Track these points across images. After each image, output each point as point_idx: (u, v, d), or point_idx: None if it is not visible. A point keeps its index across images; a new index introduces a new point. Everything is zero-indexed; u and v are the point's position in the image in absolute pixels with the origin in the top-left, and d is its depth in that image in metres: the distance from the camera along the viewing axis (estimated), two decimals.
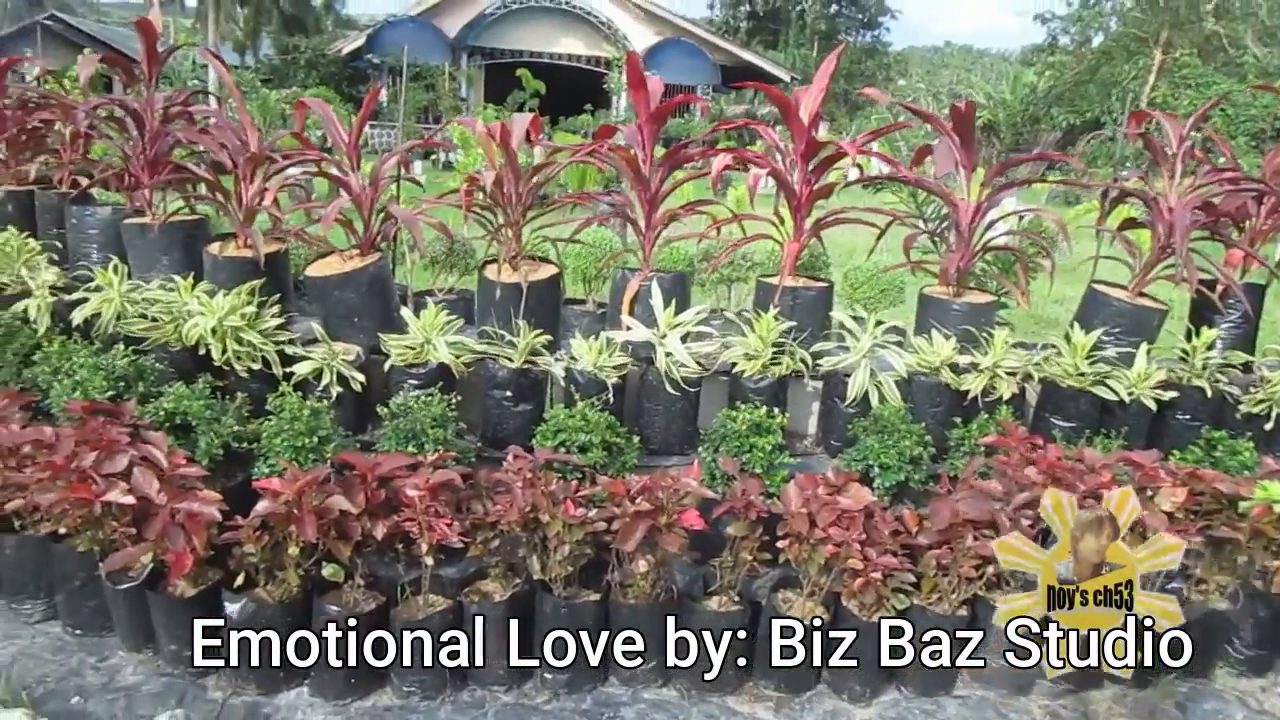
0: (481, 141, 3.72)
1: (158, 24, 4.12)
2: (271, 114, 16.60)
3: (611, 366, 3.63)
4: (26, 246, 4.37)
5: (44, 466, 2.95)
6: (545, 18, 26.32)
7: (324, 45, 28.51)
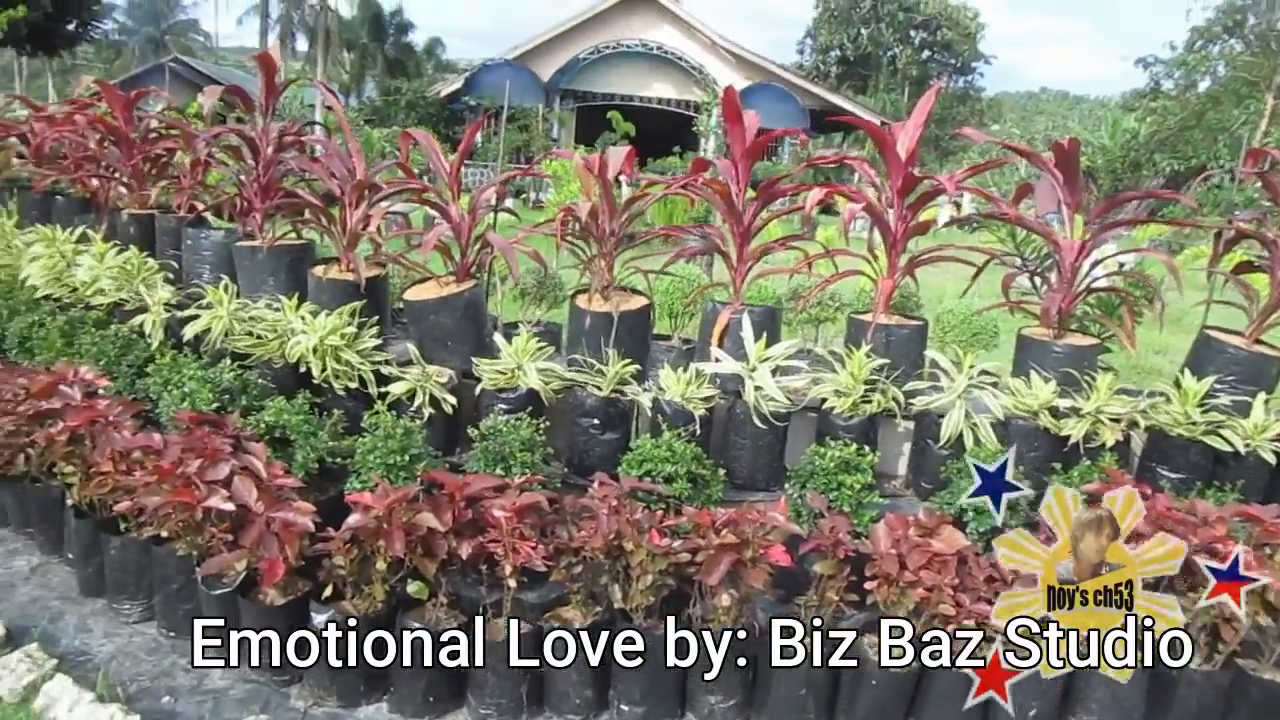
0: (579, 173, 3.79)
1: (277, 58, 4.33)
2: (373, 151, 17.24)
3: (699, 398, 3.61)
4: (145, 266, 4.61)
5: (152, 471, 3.07)
6: (637, 62, 26.83)
7: (424, 88, 29.59)
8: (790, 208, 4.23)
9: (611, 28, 27.01)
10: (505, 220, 5.74)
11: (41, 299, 4.85)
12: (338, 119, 4.56)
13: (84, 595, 3.59)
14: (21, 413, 3.68)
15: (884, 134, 3.63)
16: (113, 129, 5.21)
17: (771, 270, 4.38)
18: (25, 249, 5.24)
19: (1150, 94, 30.52)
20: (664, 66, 26.89)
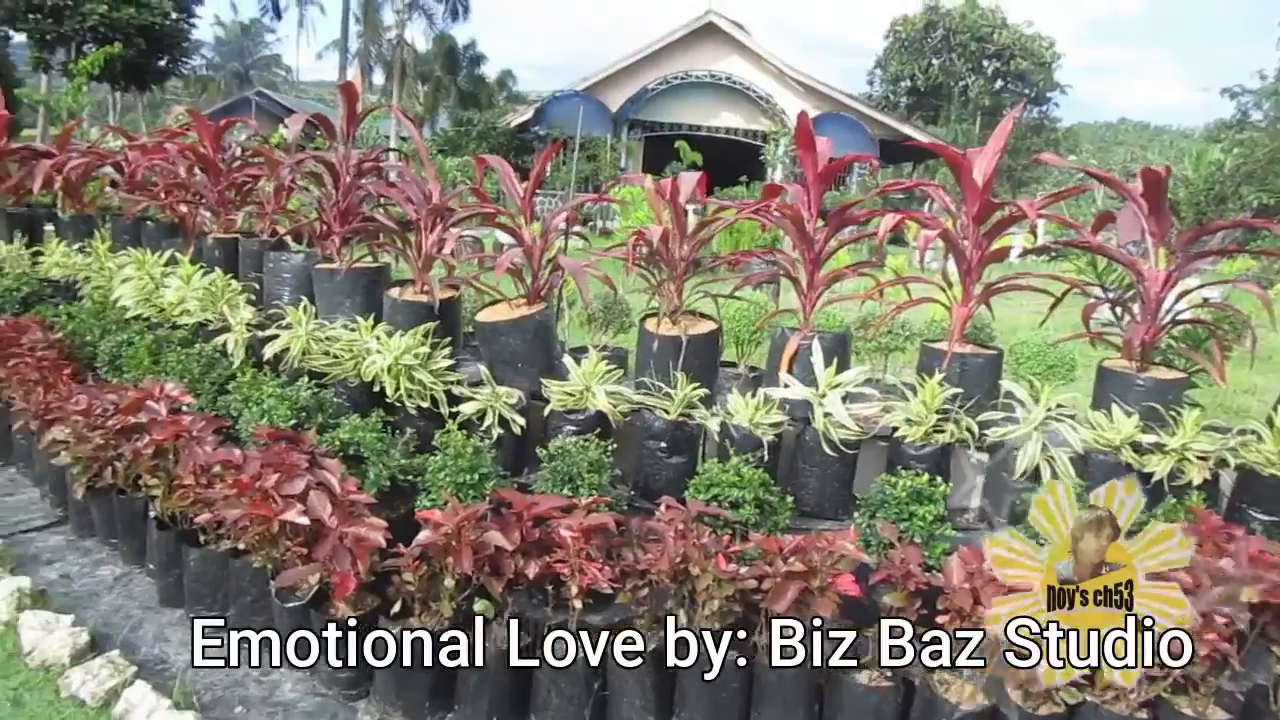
0: (650, 198, 3.81)
1: (359, 86, 4.46)
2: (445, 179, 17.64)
3: (768, 424, 3.58)
4: (229, 287, 4.77)
5: (231, 484, 3.16)
6: (705, 92, 27.02)
7: (495, 118, 30.20)
8: (858, 235, 4.19)
9: (680, 58, 27.27)
10: (575, 246, 5.81)
11: (131, 319, 5.05)
12: (415, 146, 4.69)
13: (163, 605, 3.69)
14: (110, 427, 3.82)
15: (960, 159, 3.58)
16: (202, 157, 5.42)
17: (842, 297, 4.34)
18: (117, 271, 5.47)
19: (1237, 125, 29.58)
20: (732, 96, 27.02)
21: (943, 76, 41.00)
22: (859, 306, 4.56)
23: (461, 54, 47.67)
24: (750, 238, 12.89)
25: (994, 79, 41.63)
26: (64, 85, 18.92)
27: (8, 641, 3.28)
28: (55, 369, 4.61)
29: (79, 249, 6.16)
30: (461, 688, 3.04)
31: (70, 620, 3.36)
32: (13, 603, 3.45)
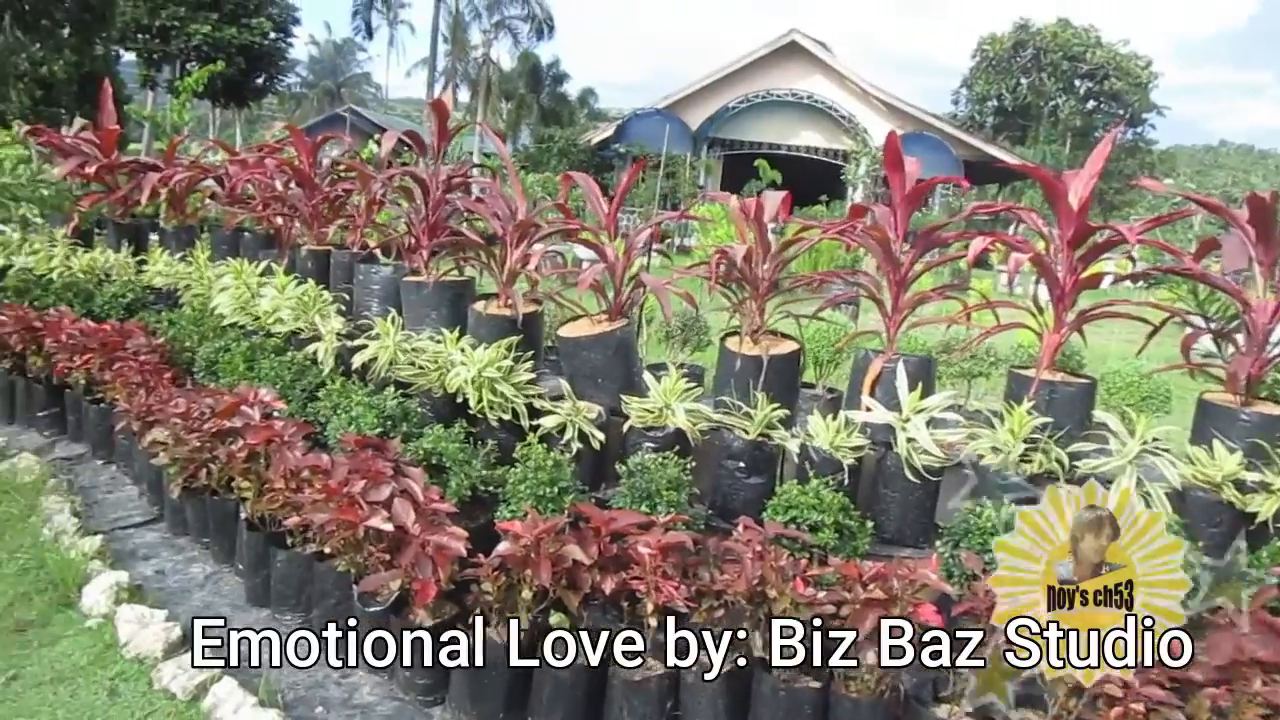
0: (733, 216, 3.81)
1: (450, 104, 4.58)
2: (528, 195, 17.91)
3: (849, 447, 3.54)
4: (320, 298, 4.93)
5: (320, 489, 3.25)
6: (786, 111, 26.94)
7: (576, 135, 30.60)
8: (943, 257, 4.12)
9: (761, 77, 27.26)
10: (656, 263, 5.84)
11: (228, 326, 5.26)
12: (503, 162, 4.78)
13: (250, 604, 3.80)
14: (206, 430, 3.97)
15: (1055, 181, 3.49)
16: (298, 172, 5.62)
17: (927, 320, 4.26)
18: (215, 280, 5.70)
19: None
20: (813, 115, 26.88)
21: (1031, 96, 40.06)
22: (943, 330, 4.48)
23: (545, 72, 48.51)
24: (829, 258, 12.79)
25: (1086, 99, 40.47)
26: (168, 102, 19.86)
27: (106, 633, 3.42)
28: (156, 373, 4.82)
29: (181, 258, 6.43)
30: (535, 699, 3.06)
31: (164, 615, 3.49)
32: (111, 596, 3.60)
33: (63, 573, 3.75)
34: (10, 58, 17.10)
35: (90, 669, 3.23)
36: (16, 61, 17.23)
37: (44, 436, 5.64)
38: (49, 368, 5.50)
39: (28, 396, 5.77)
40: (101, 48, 19.26)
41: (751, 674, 3.04)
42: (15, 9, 16.94)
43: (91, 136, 7.17)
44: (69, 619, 3.54)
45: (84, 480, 5.06)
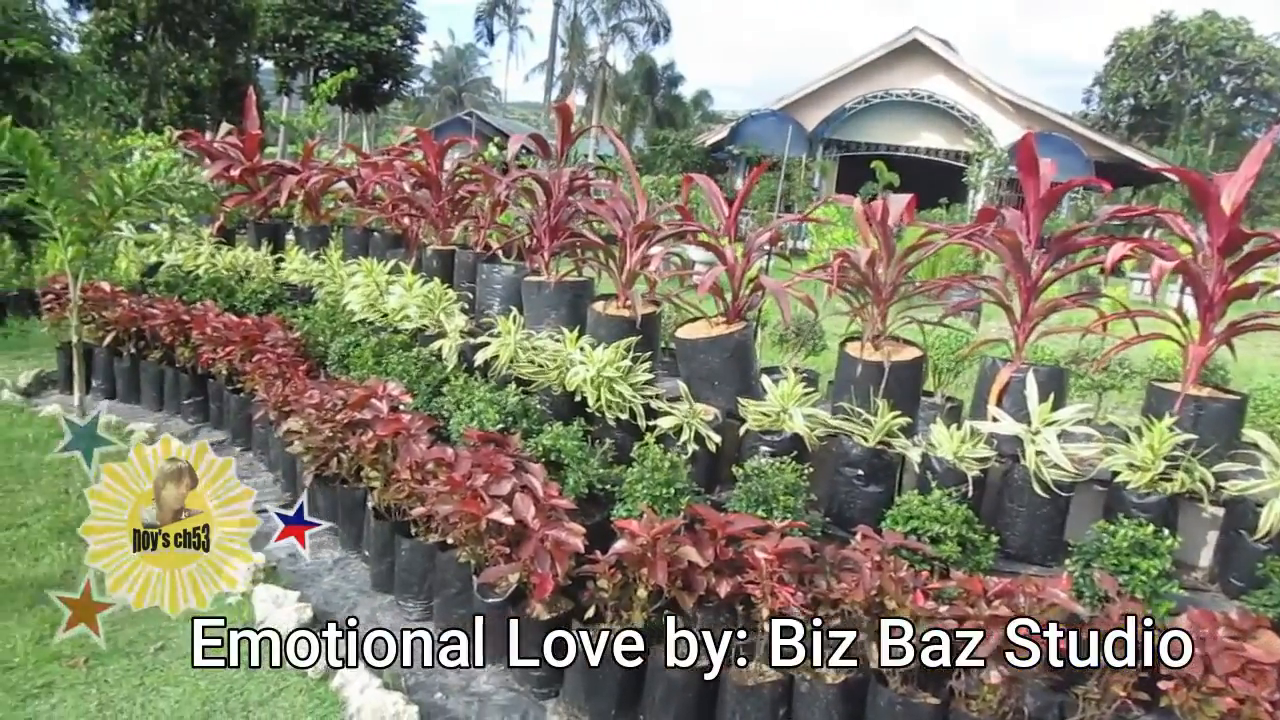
0: (856, 219, 3.75)
1: (574, 109, 4.65)
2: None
3: (974, 458, 3.43)
4: (445, 296, 5.08)
5: (444, 482, 3.35)
6: (906, 111, 26.26)
7: (689, 137, 30.60)
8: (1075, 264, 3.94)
9: (880, 77, 26.66)
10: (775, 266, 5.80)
11: (358, 322, 5.48)
12: (624, 165, 4.83)
13: (375, 590, 3.96)
14: (338, 421, 4.15)
15: (1206, 184, 3.30)
16: (425, 174, 5.82)
17: (1058, 330, 4.10)
18: (347, 278, 5.95)
19: None
20: (934, 116, 26.12)
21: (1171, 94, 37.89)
22: (1073, 339, 4.29)
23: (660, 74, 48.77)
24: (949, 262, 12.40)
25: (1234, 96, 38.00)
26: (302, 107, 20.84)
27: (244, 611, 3.62)
28: (292, 365, 5.07)
29: (314, 257, 6.75)
30: (648, 698, 3.08)
31: (296, 596, 3.66)
32: (249, 576, 3.80)
33: None
34: (162, 67, 18.28)
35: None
36: (167, 71, 18.41)
37: (189, 423, 6.02)
38: (194, 358, 5.86)
39: (175, 385, 6.16)
40: (243, 57, 20.39)
41: (868, 685, 2.98)
42: (167, 22, 18.09)
43: (236, 141, 7.60)
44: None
45: None
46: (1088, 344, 5.01)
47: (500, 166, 6.60)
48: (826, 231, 11.77)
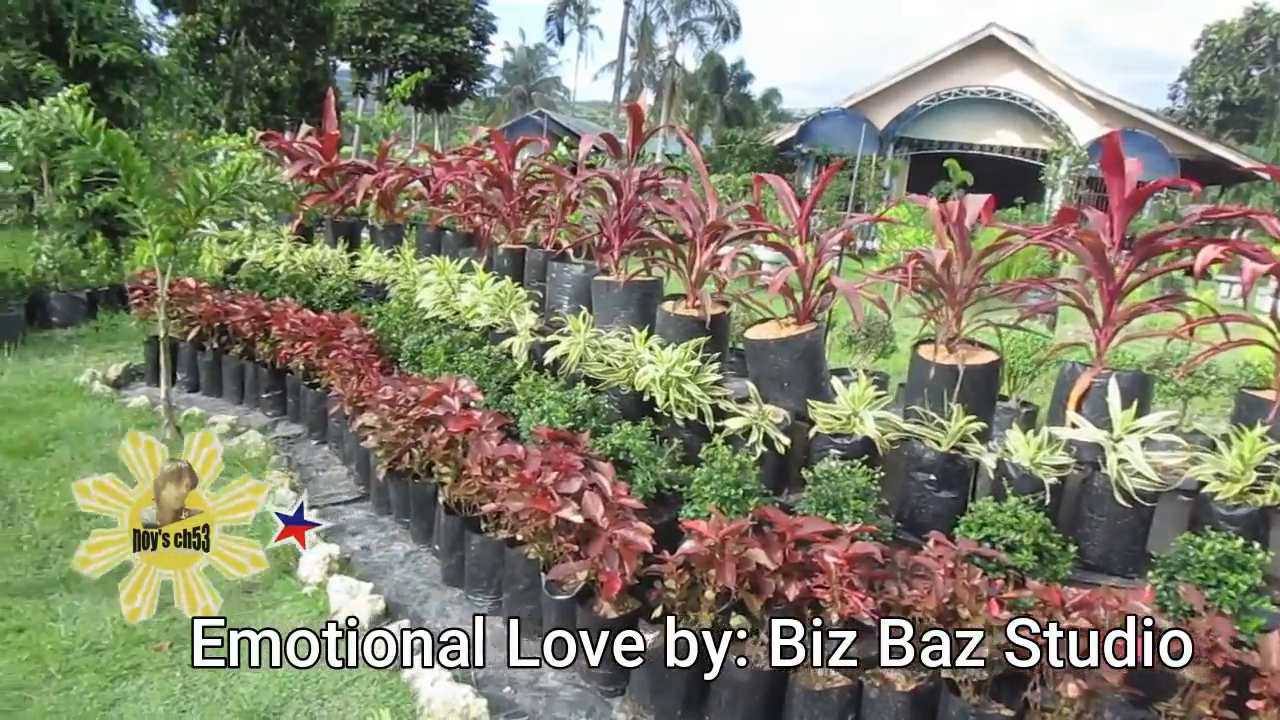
0: (933, 220, 3.68)
1: (645, 108, 4.66)
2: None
3: (1051, 465, 3.34)
4: (516, 295, 5.14)
5: (515, 479, 3.39)
6: (981, 109, 25.69)
7: (758, 136, 30.41)
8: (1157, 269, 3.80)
9: (954, 74, 26.12)
10: (844, 266, 5.73)
11: (430, 319, 5.58)
12: (694, 164, 4.83)
13: (445, 583, 4.02)
14: (411, 417, 4.23)
15: None
16: (498, 174, 5.89)
17: (1142, 334, 3.97)
18: (420, 276, 6.06)
19: None
20: (1010, 113, 25.49)
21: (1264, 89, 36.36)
22: (1157, 344, 4.15)
23: (729, 73, 48.60)
24: (1025, 263, 12.12)
25: None
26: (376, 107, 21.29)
27: (319, 601, 3.71)
28: (367, 361, 5.18)
29: (389, 255, 6.89)
30: (714, 700, 3.08)
31: (369, 588, 3.74)
32: (324, 567, 3.90)
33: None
34: (244, 70, 18.87)
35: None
36: (249, 73, 19.00)
37: (267, 416, 6.20)
38: (274, 353, 6.03)
39: (255, 379, 6.35)
40: (321, 59, 20.93)
41: (939, 694, 2.93)
42: (250, 26, 18.65)
43: (315, 142, 7.80)
44: (288, 585, 3.86)
45: (300, 458, 5.52)
46: (1172, 349, 4.85)
47: (569, 165, 6.64)
48: (897, 231, 11.61)
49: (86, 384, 6.56)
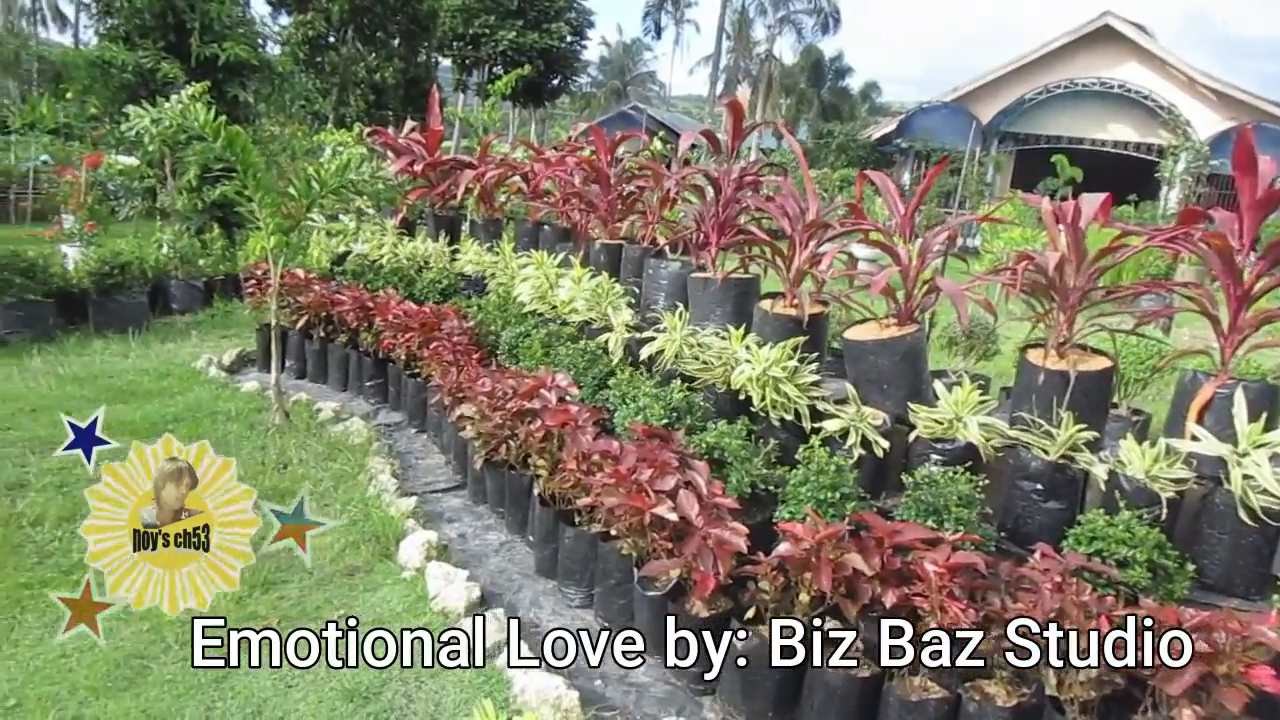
0: (1045, 220, 3.55)
1: (745, 104, 4.63)
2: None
3: (1168, 479, 3.18)
4: (612, 290, 5.17)
5: (610, 475, 3.41)
6: (1093, 102, 24.65)
7: (855, 131, 29.90)
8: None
9: (1064, 66, 25.12)
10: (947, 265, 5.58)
11: (528, 313, 5.66)
12: (794, 159, 4.77)
13: (538, 574, 4.08)
14: (509, 409, 4.30)
15: None
16: (596, 170, 5.93)
17: (1271, 343, 3.75)
18: (518, 270, 6.15)
19: None
20: (1124, 106, 24.38)
21: None
22: None
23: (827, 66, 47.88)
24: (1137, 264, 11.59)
25: None
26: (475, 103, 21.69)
27: (418, 586, 3.81)
28: (466, 353, 5.29)
29: (488, 249, 7.01)
30: (806, 703, 3.04)
31: (465, 575, 3.82)
32: (423, 553, 3.99)
33: (384, 527, 4.22)
34: (351, 67, 19.46)
35: (405, 616, 3.60)
36: (356, 70, 19.59)
37: (370, 404, 6.39)
38: (377, 343, 6.22)
39: (359, 368, 6.56)
40: (424, 55, 21.42)
41: (1041, 713, 2.84)
42: (357, 24, 19.22)
43: (419, 137, 7.99)
44: (388, 569, 3.97)
45: (400, 445, 5.68)
46: None
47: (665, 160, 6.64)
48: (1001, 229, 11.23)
49: (203, 369, 6.89)
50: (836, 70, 48.68)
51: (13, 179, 14.61)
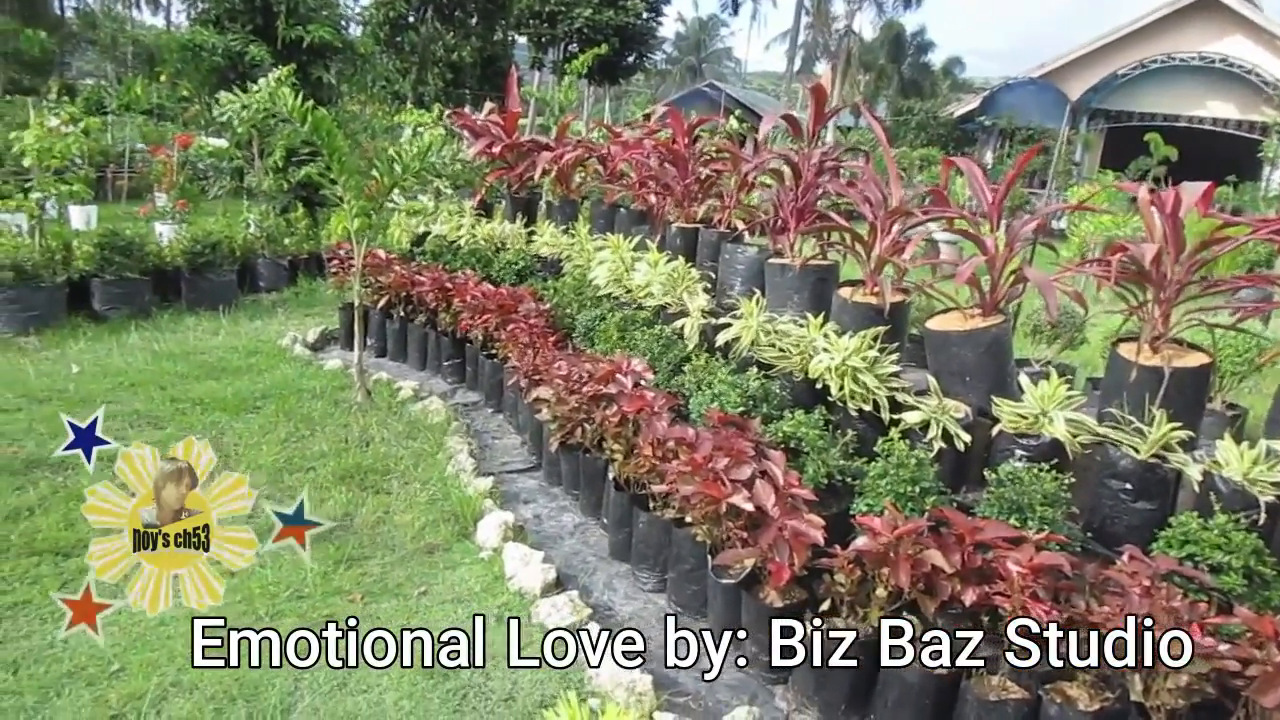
0: (1142, 209, 3.41)
1: (829, 88, 4.54)
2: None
3: (1269, 482, 3.05)
4: (688, 275, 5.16)
5: (686, 462, 3.42)
6: (1190, 78, 23.53)
7: (937, 108, 29.12)
8: None
9: (1161, 39, 24.01)
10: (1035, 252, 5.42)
11: (603, 296, 5.68)
12: (874, 139, 4.67)
13: (612, 557, 4.12)
14: (585, 393, 4.33)
15: None
16: (673, 152, 5.90)
17: None
18: (594, 253, 6.17)
19: None
20: (1226, 82, 23.21)
21: None
22: None
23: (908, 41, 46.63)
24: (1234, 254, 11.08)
25: None
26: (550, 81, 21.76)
27: (495, 566, 3.88)
28: (542, 335, 5.34)
29: (564, 230, 7.05)
30: (880, 699, 3.02)
31: (541, 557, 3.88)
32: (500, 533, 4.07)
33: (462, 507, 4.31)
34: (430, 46, 19.71)
35: (483, 595, 3.68)
36: (435, 49, 19.83)
37: (448, 383, 6.52)
38: (455, 324, 6.33)
39: (437, 348, 6.69)
40: (500, 34, 21.56)
41: (1126, 718, 2.76)
42: (436, 4, 19.45)
43: (497, 119, 8.05)
44: (466, 548, 4.06)
45: (477, 425, 5.78)
46: None
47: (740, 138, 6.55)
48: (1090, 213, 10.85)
49: (288, 346, 7.10)
50: (918, 45, 47.36)
51: (110, 158, 15.22)
